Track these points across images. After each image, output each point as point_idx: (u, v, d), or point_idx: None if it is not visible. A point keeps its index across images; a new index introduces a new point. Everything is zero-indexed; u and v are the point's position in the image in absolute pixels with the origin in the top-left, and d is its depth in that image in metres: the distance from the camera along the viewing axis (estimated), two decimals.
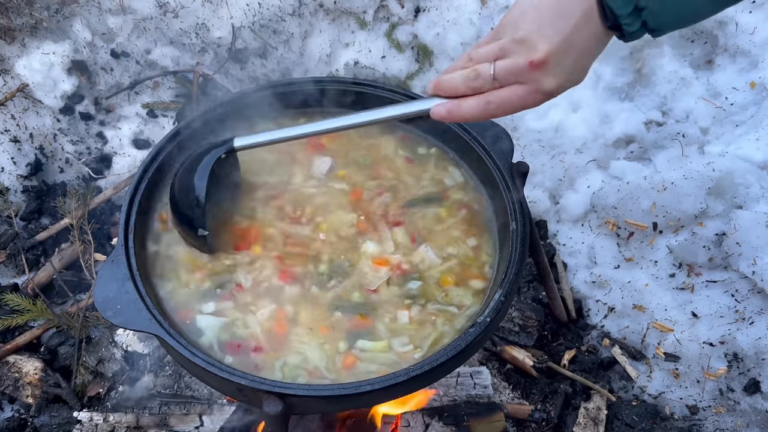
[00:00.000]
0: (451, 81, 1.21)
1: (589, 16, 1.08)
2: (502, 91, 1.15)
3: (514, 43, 1.12)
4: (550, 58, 1.09)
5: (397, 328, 1.43)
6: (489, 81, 1.15)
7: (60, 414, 2.20)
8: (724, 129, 2.54)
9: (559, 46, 1.08)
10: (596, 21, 1.09)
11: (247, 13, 2.84)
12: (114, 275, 1.38)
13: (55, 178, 2.89)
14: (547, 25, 1.09)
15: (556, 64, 1.10)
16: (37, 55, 2.76)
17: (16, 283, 2.56)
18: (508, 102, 1.15)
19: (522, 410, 2.18)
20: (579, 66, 1.13)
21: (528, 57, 1.10)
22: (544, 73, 1.10)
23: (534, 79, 1.11)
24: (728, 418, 2.14)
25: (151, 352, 2.32)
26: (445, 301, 1.47)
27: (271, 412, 1.20)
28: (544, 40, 1.09)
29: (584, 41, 1.10)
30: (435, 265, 1.54)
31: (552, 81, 1.12)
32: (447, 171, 1.75)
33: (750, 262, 2.15)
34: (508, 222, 1.52)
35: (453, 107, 1.21)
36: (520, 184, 1.61)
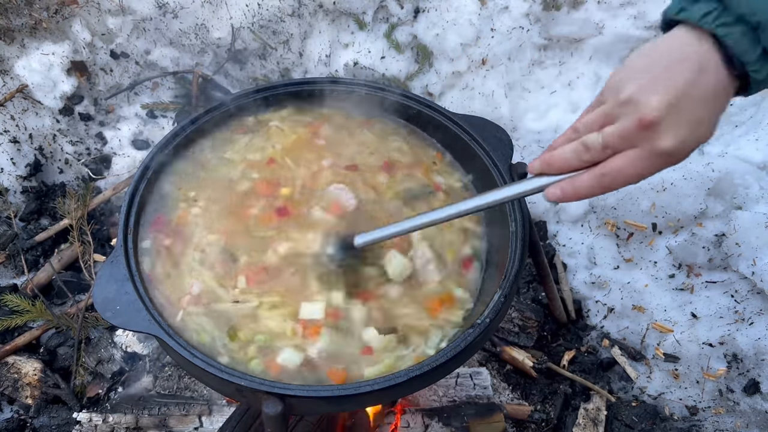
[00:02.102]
0: (561, 158, 1.11)
1: (707, 65, 0.96)
2: (615, 160, 1.04)
3: (620, 105, 1.01)
4: (661, 114, 0.96)
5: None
6: (599, 151, 1.04)
7: (59, 415, 2.20)
8: (723, 129, 2.54)
9: (670, 100, 0.96)
10: (718, 69, 0.96)
11: (246, 14, 2.84)
12: (113, 276, 1.38)
13: (54, 179, 2.88)
14: (654, 80, 0.98)
15: (670, 121, 0.97)
16: (36, 55, 2.76)
17: (15, 284, 2.56)
18: (623, 171, 1.04)
19: (521, 411, 2.18)
20: (701, 119, 0.98)
21: (636, 117, 0.98)
22: (658, 132, 0.98)
23: (648, 140, 0.99)
24: (728, 419, 2.14)
25: (150, 353, 2.32)
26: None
27: (271, 413, 1.20)
28: (653, 96, 0.97)
29: (703, 92, 0.97)
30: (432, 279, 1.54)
31: (669, 140, 0.98)
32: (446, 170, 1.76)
33: (749, 263, 2.15)
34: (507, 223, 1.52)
35: (567, 186, 1.10)
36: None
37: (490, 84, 2.85)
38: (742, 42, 0.94)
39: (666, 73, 0.97)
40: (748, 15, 0.92)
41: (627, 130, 1.00)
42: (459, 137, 1.73)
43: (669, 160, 1.01)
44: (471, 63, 2.88)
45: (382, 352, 1.39)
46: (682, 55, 0.97)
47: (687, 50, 0.97)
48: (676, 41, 0.99)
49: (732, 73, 0.96)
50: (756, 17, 0.91)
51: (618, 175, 1.05)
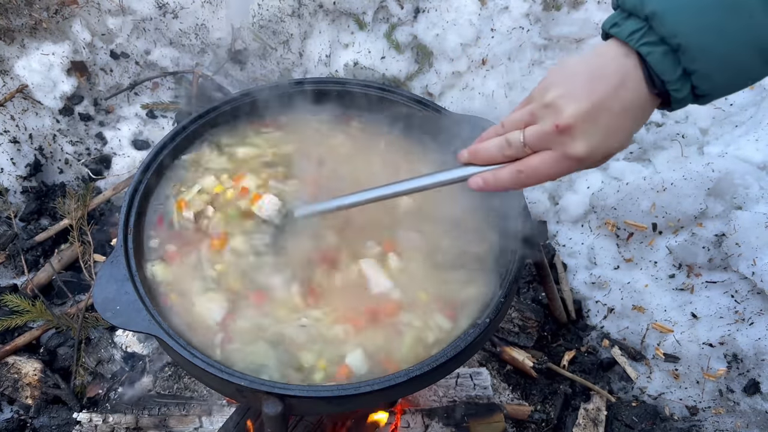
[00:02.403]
0: (486, 150, 1.18)
1: (628, 80, 1.01)
2: (532, 158, 1.11)
3: (543, 108, 1.07)
4: (576, 121, 1.02)
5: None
6: (520, 148, 1.11)
7: (59, 415, 2.20)
8: (723, 129, 2.54)
9: (588, 109, 1.02)
10: (639, 86, 1.01)
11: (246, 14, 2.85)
12: (113, 276, 1.38)
13: (54, 179, 2.88)
14: (577, 88, 1.03)
15: (585, 128, 1.03)
16: (36, 55, 2.76)
17: (15, 284, 2.55)
18: (538, 170, 1.10)
19: (522, 411, 2.18)
20: (616, 129, 1.04)
21: (553, 121, 1.04)
22: (572, 137, 1.04)
23: (561, 143, 1.05)
24: (728, 419, 2.14)
25: (150, 353, 2.32)
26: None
27: (271, 413, 1.20)
28: (572, 103, 1.03)
29: (622, 105, 1.02)
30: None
31: (581, 146, 1.04)
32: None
33: (749, 263, 2.15)
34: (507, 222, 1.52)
35: (489, 177, 1.18)
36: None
37: (490, 84, 2.85)
38: (664, 62, 0.97)
39: (589, 83, 1.02)
40: (669, 37, 0.95)
41: (544, 132, 1.07)
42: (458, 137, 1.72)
43: (580, 164, 1.08)
44: (471, 63, 2.88)
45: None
46: (607, 68, 1.02)
47: (612, 64, 1.02)
48: (606, 54, 1.04)
49: (652, 90, 1.01)
50: (676, 39, 0.95)
51: (533, 173, 1.12)
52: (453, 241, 1.57)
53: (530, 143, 1.10)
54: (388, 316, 1.42)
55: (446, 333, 1.40)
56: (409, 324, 1.41)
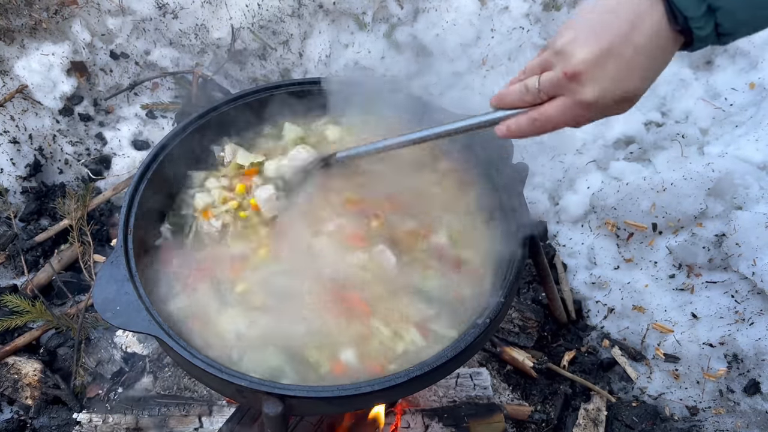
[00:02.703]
0: (509, 95, 1.19)
1: (643, 21, 0.99)
2: (546, 105, 1.12)
3: (555, 54, 1.08)
4: (584, 66, 1.02)
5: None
6: (536, 95, 1.12)
7: (59, 415, 2.19)
8: (723, 130, 2.54)
9: (596, 53, 1.01)
10: (657, 25, 0.98)
11: (246, 14, 2.84)
12: (113, 276, 1.38)
13: (54, 179, 2.88)
14: (587, 32, 1.03)
15: (593, 73, 1.02)
16: (36, 56, 2.76)
17: (15, 285, 2.55)
18: (551, 116, 1.11)
19: (522, 411, 2.18)
20: (628, 72, 1.02)
21: (563, 67, 1.05)
22: (580, 83, 1.04)
23: (571, 89, 1.06)
24: (728, 419, 2.14)
25: (150, 354, 2.32)
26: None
27: (271, 414, 1.20)
28: (580, 48, 1.02)
29: (635, 47, 1.00)
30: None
31: (590, 91, 1.04)
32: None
33: (750, 263, 2.15)
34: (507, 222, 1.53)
35: (511, 124, 1.19)
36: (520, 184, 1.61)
37: (490, 84, 2.85)
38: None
39: (600, 25, 1.02)
40: None
41: (556, 78, 1.07)
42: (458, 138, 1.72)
43: (591, 110, 1.07)
44: (471, 63, 2.88)
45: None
46: (620, 10, 1.00)
47: (627, 4, 1.00)
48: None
49: (674, 28, 0.98)
50: None
51: (546, 119, 1.12)
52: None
53: (544, 89, 1.10)
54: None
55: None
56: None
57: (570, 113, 1.09)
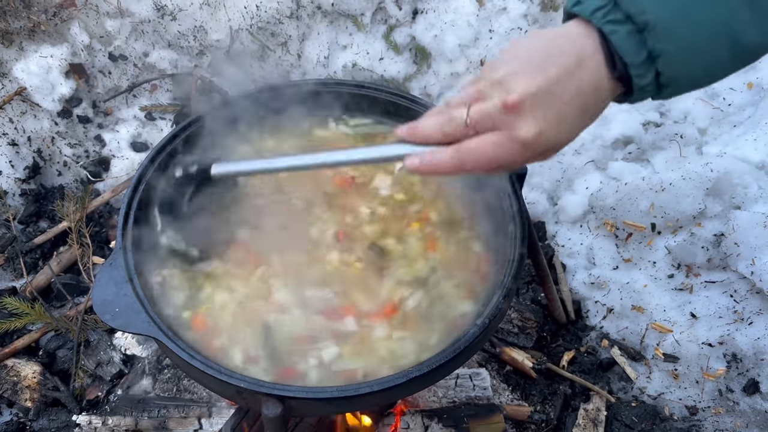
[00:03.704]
0: (425, 127, 1.08)
1: (586, 61, 0.93)
2: (474, 139, 1.01)
3: (491, 85, 0.98)
4: (526, 98, 0.93)
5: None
6: (462, 126, 1.01)
7: (59, 417, 2.19)
8: (722, 129, 2.54)
9: (539, 87, 0.93)
10: (598, 68, 0.93)
11: (245, 16, 2.85)
12: (112, 278, 1.38)
13: (53, 182, 2.88)
14: (529, 65, 0.95)
15: (534, 108, 0.94)
16: (34, 58, 2.76)
17: (14, 287, 2.55)
18: (480, 152, 1.00)
19: (521, 412, 2.18)
20: (567, 114, 0.95)
21: (501, 97, 0.95)
22: (519, 116, 0.94)
23: (508, 123, 0.96)
24: (727, 419, 2.14)
25: (149, 355, 2.32)
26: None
27: (270, 415, 1.20)
28: (523, 79, 0.94)
29: (576, 89, 0.93)
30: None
31: (529, 127, 0.94)
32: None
33: (748, 263, 2.16)
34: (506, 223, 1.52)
35: (427, 158, 1.07)
36: (518, 185, 1.61)
37: None
38: (629, 41, 0.89)
39: (543, 61, 0.94)
40: (637, 15, 0.88)
41: (490, 109, 0.97)
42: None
43: (524, 150, 0.97)
44: (469, 64, 2.88)
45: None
46: (564, 46, 0.94)
47: (571, 43, 0.94)
48: (565, 32, 0.96)
49: (612, 74, 0.93)
50: (644, 17, 0.87)
51: (471, 155, 1.01)
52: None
53: (474, 121, 1.00)
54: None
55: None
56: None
57: (500, 150, 0.99)
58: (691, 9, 0.87)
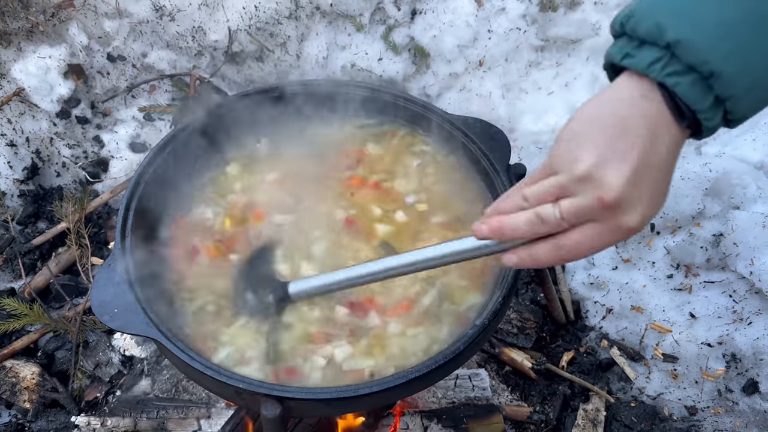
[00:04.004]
0: (513, 227, 1.04)
1: (658, 124, 0.91)
2: (573, 233, 0.98)
3: (577, 182, 0.94)
4: (622, 193, 0.90)
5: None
6: (557, 225, 0.98)
7: (57, 419, 2.19)
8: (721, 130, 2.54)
9: (629, 176, 0.90)
10: (669, 125, 0.91)
11: (243, 17, 2.84)
12: (111, 279, 1.38)
13: (51, 182, 2.88)
14: (610, 151, 0.91)
15: (632, 198, 0.91)
16: (33, 59, 2.76)
17: (12, 288, 2.55)
18: (583, 245, 0.98)
19: (521, 412, 2.18)
20: (659, 188, 0.94)
21: (596, 195, 0.92)
22: (621, 210, 0.92)
23: (610, 217, 0.94)
24: (727, 419, 2.14)
25: (148, 356, 2.31)
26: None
27: (269, 416, 1.20)
28: (611, 171, 0.90)
29: (659, 161, 0.92)
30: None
31: (633, 216, 0.93)
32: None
33: (747, 263, 2.16)
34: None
35: (524, 256, 1.05)
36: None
37: (487, 85, 2.86)
38: (693, 91, 0.87)
39: (621, 142, 0.91)
40: (699, 65, 0.86)
41: (587, 208, 0.94)
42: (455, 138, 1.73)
43: (630, 234, 0.97)
44: (468, 64, 2.88)
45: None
46: (632, 117, 0.91)
47: (637, 111, 0.91)
48: (623, 96, 0.93)
49: (682, 125, 0.91)
50: (708, 66, 0.85)
51: (577, 248, 0.99)
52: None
53: (569, 219, 0.97)
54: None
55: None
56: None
57: (604, 239, 0.97)
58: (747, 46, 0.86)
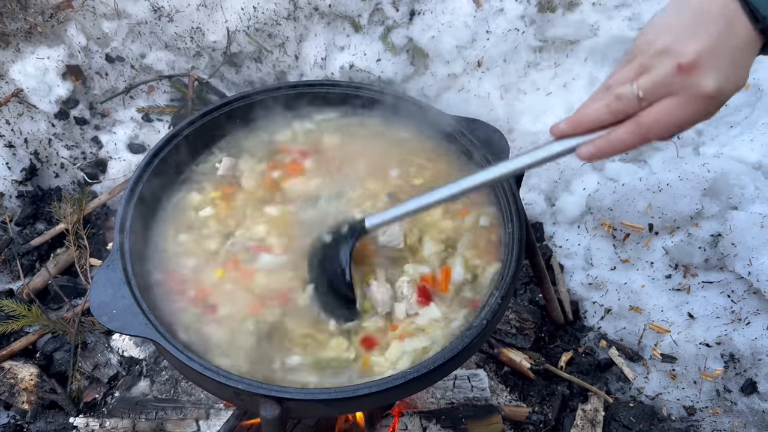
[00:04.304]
0: (591, 113, 1.09)
1: (735, 19, 0.99)
2: (652, 109, 1.03)
3: (655, 56, 1.02)
4: (701, 57, 0.99)
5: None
6: (634, 100, 1.04)
7: (56, 420, 2.19)
8: (718, 130, 2.55)
9: (705, 45, 0.99)
10: (745, 25, 1.00)
11: (242, 17, 2.84)
12: (110, 280, 1.38)
13: (50, 183, 2.88)
14: (687, 31, 1.00)
15: (709, 63, 0.99)
16: (31, 60, 2.76)
17: (11, 289, 2.55)
18: (663, 120, 1.03)
19: (519, 412, 2.18)
20: (737, 61, 1.01)
21: (674, 62, 1.00)
22: (697, 74, 0.99)
23: (688, 85, 1.00)
24: (725, 419, 2.14)
25: (147, 357, 2.31)
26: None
27: (268, 416, 1.20)
28: (690, 42, 0.99)
29: (735, 43, 1.00)
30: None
31: (710, 81, 0.99)
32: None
33: (745, 263, 2.16)
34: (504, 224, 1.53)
35: (601, 142, 1.08)
36: (516, 186, 1.62)
37: (485, 86, 2.86)
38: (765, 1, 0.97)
39: (697, 25, 1.00)
40: None
41: (665, 76, 1.01)
42: (455, 140, 1.73)
43: (710, 103, 1.01)
44: (466, 65, 2.88)
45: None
46: (710, 11, 1.00)
47: (716, 8, 1.00)
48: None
49: (757, 27, 0.99)
50: None
51: (657, 123, 1.04)
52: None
53: (647, 92, 1.03)
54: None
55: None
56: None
57: (684, 111, 1.02)
58: None
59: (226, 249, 1.57)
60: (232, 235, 1.60)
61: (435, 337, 1.43)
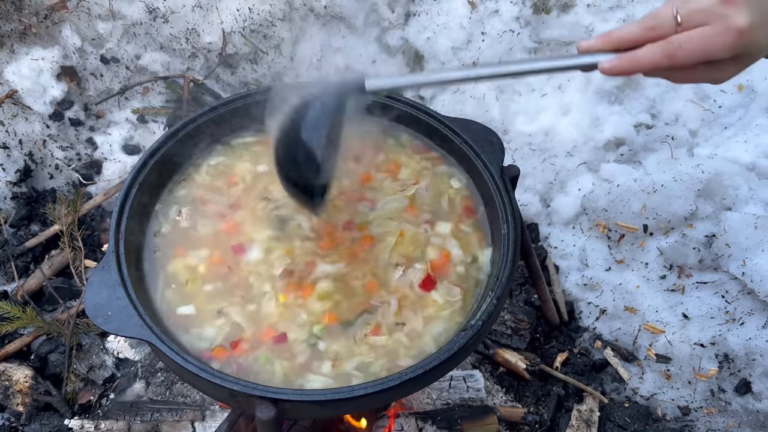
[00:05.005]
0: (621, 30, 1.12)
1: None
2: (686, 32, 1.06)
3: None
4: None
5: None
6: (670, 23, 1.07)
7: (51, 422, 2.18)
8: (712, 131, 2.56)
9: None
10: None
11: (237, 19, 2.84)
12: (105, 281, 1.37)
13: (44, 185, 2.87)
14: None
15: (747, 2, 1.02)
16: (26, 61, 2.75)
17: (5, 291, 2.54)
18: (695, 42, 1.06)
19: (515, 413, 2.19)
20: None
21: None
22: (735, 6, 1.03)
23: (723, 15, 1.03)
24: (720, 419, 2.15)
25: (142, 359, 2.31)
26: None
27: (264, 418, 1.20)
28: None
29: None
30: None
31: (745, 17, 1.02)
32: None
33: (739, 263, 2.17)
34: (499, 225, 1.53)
35: (627, 55, 1.11)
36: (511, 187, 1.62)
37: (481, 87, 2.86)
38: None
39: None
40: None
41: (703, 4, 1.04)
42: (449, 139, 1.73)
43: (739, 39, 1.03)
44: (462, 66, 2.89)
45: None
46: None
47: None
48: None
49: None
50: None
51: (688, 42, 1.06)
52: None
53: (686, 18, 1.06)
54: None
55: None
56: None
57: (714, 41, 1.05)
58: None
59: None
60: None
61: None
